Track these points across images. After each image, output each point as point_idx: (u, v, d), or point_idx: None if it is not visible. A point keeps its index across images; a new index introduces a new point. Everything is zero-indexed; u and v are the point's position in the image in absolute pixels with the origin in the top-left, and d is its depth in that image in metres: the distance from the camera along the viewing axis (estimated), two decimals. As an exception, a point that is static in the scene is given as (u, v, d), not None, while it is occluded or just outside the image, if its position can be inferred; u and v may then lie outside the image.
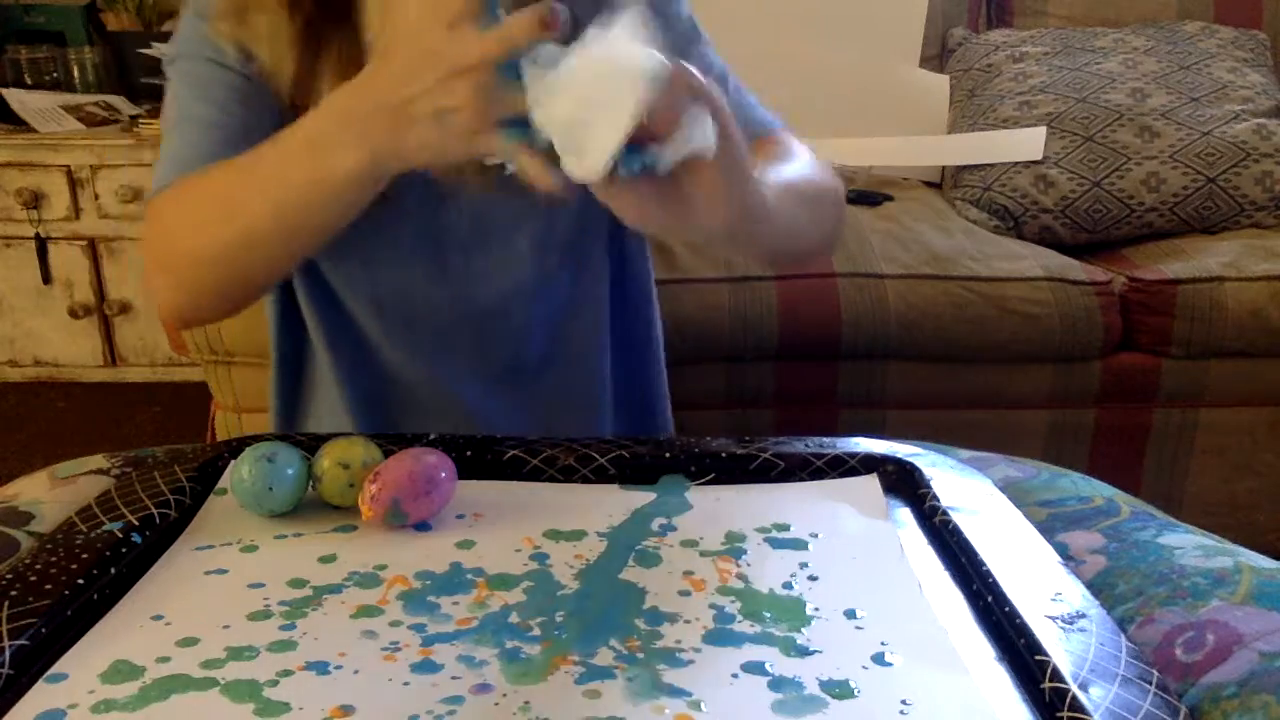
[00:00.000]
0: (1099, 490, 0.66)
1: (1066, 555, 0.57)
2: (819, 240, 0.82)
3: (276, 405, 0.91)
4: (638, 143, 0.46)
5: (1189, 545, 0.56)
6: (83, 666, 0.46)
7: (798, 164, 0.79)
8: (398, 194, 0.67)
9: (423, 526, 0.60)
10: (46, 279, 2.35)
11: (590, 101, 0.44)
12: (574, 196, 0.52)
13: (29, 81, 2.45)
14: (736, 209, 0.56)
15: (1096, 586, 0.54)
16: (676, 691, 0.45)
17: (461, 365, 0.85)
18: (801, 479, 0.66)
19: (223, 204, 0.66)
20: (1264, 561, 0.54)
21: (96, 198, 2.28)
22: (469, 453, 0.66)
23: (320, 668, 0.46)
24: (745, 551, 0.57)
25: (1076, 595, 0.51)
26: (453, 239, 0.81)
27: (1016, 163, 1.69)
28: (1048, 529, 0.60)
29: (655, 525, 0.60)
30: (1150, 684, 0.44)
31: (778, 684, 0.45)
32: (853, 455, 0.67)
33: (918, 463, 0.66)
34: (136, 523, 0.57)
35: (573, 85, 0.44)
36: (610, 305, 0.90)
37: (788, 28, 1.92)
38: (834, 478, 0.66)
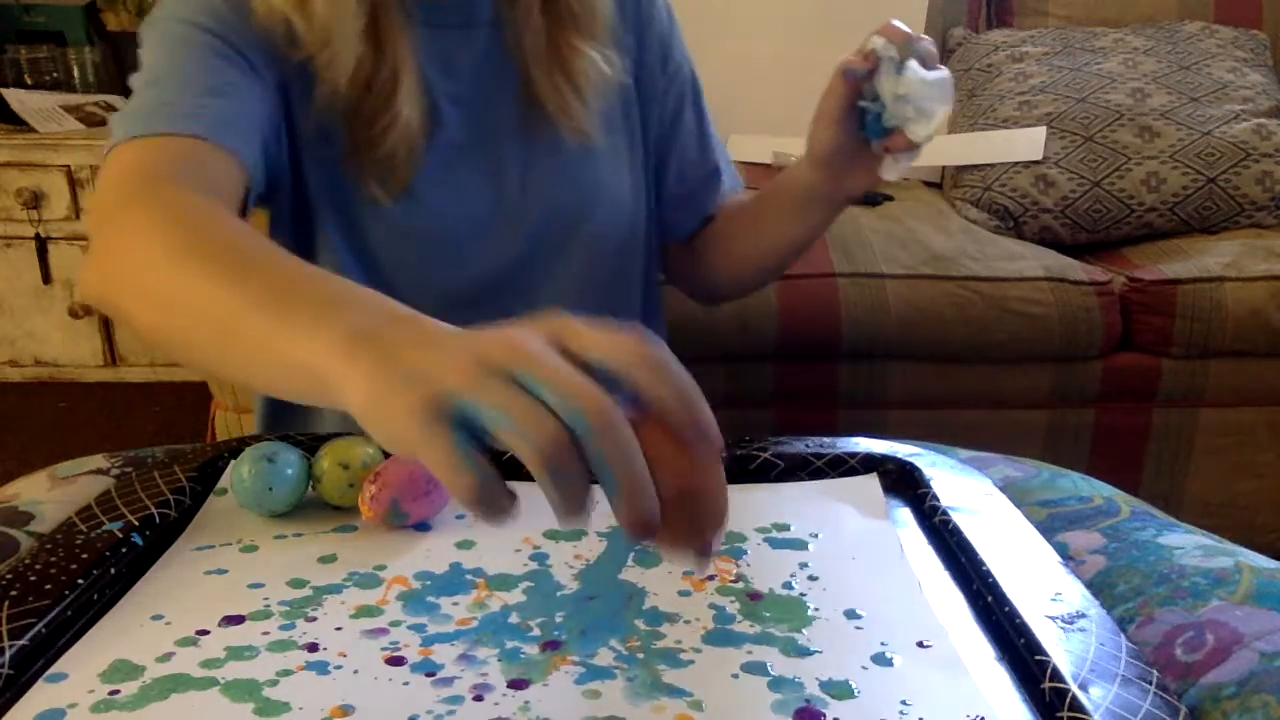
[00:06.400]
0: (1099, 490, 0.66)
1: (1066, 555, 0.57)
2: None
3: (265, 400, 0.90)
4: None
5: (1189, 545, 0.56)
6: (83, 666, 0.46)
7: None
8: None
9: (423, 526, 0.60)
10: (46, 279, 2.35)
11: (925, 97, 0.69)
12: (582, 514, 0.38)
13: (29, 81, 2.45)
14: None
15: (1096, 586, 0.54)
16: (676, 691, 0.45)
17: None
18: (801, 479, 0.66)
19: (173, 296, 0.53)
20: (1264, 561, 0.54)
21: (96, 198, 2.28)
22: (469, 453, 0.66)
23: (320, 668, 0.46)
24: (745, 551, 0.57)
25: (1076, 595, 0.51)
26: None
27: (1016, 163, 1.69)
28: (1048, 529, 0.60)
29: (655, 525, 0.60)
30: (1150, 684, 0.44)
31: (778, 684, 0.45)
32: (853, 455, 0.67)
33: (918, 462, 0.66)
34: (136, 523, 0.57)
35: (914, 87, 0.69)
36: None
37: (788, 27, 1.92)
38: (834, 478, 0.66)
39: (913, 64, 0.69)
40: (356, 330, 0.42)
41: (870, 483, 0.65)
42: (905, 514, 0.63)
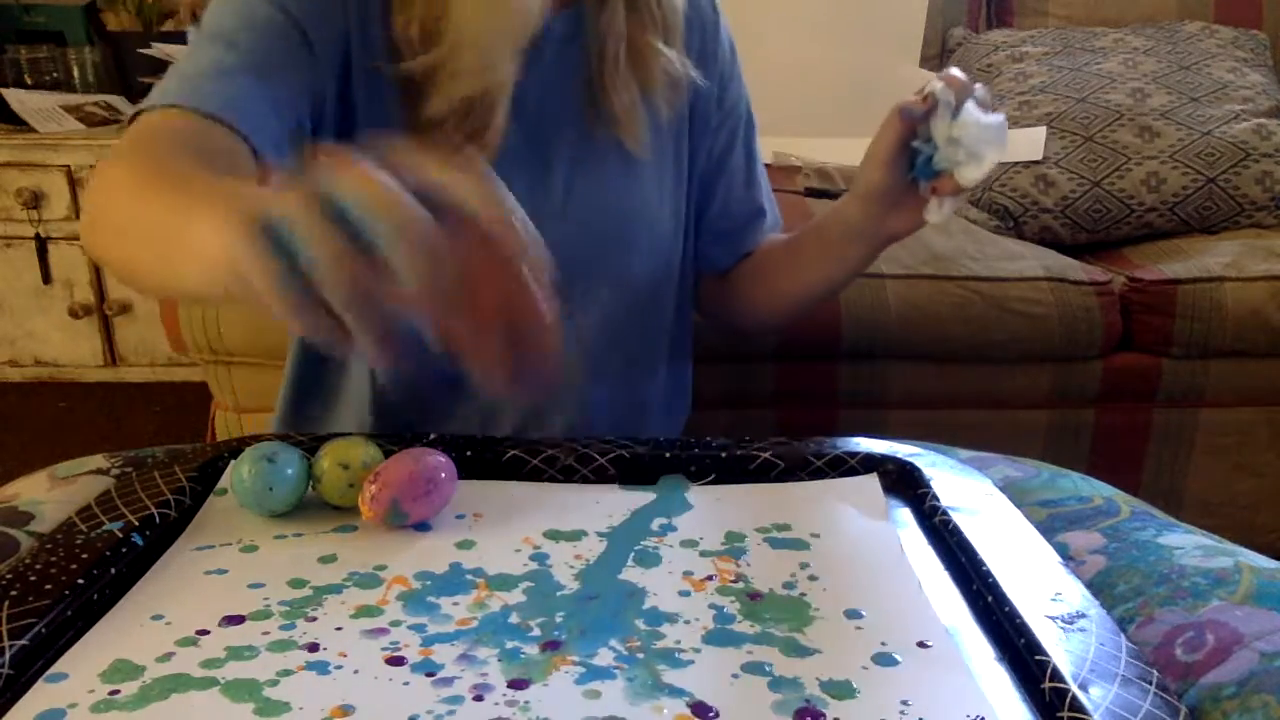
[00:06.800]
0: (1099, 490, 0.66)
1: (1066, 555, 0.57)
2: None
3: (288, 396, 0.90)
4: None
5: (1189, 545, 0.56)
6: (83, 666, 0.46)
7: None
8: None
9: (423, 526, 0.60)
10: (46, 279, 2.35)
11: (979, 140, 0.71)
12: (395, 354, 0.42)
13: (29, 81, 2.45)
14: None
15: (1096, 586, 0.54)
16: (676, 691, 0.45)
17: None
18: (801, 479, 0.66)
19: (126, 224, 0.58)
20: (1264, 561, 0.54)
21: (96, 198, 2.28)
22: (469, 453, 0.66)
23: (320, 668, 0.46)
24: (745, 551, 0.57)
25: (1076, 595, 0.51)
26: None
27: (1016, 163, 1.69)
28: (1048, 529, 0.60)
29: (655, 525, 0.60)
30: (1150, 684, 0.44)
31: (777, 684, 0.45)
32: (853, 455, 0.67)
33: (918, 463, 0.66)
34: (136, 523, 0.57)
35: (969, 130, 0.71)
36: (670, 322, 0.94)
37: (789, 28, 1.92)
38: (834, 478, 0.66)
39: (969, 105, 0.71)
40: (244, 209, 0.44)
41: (870, 483, 0.65)
42: (905, 514, 0.63)
